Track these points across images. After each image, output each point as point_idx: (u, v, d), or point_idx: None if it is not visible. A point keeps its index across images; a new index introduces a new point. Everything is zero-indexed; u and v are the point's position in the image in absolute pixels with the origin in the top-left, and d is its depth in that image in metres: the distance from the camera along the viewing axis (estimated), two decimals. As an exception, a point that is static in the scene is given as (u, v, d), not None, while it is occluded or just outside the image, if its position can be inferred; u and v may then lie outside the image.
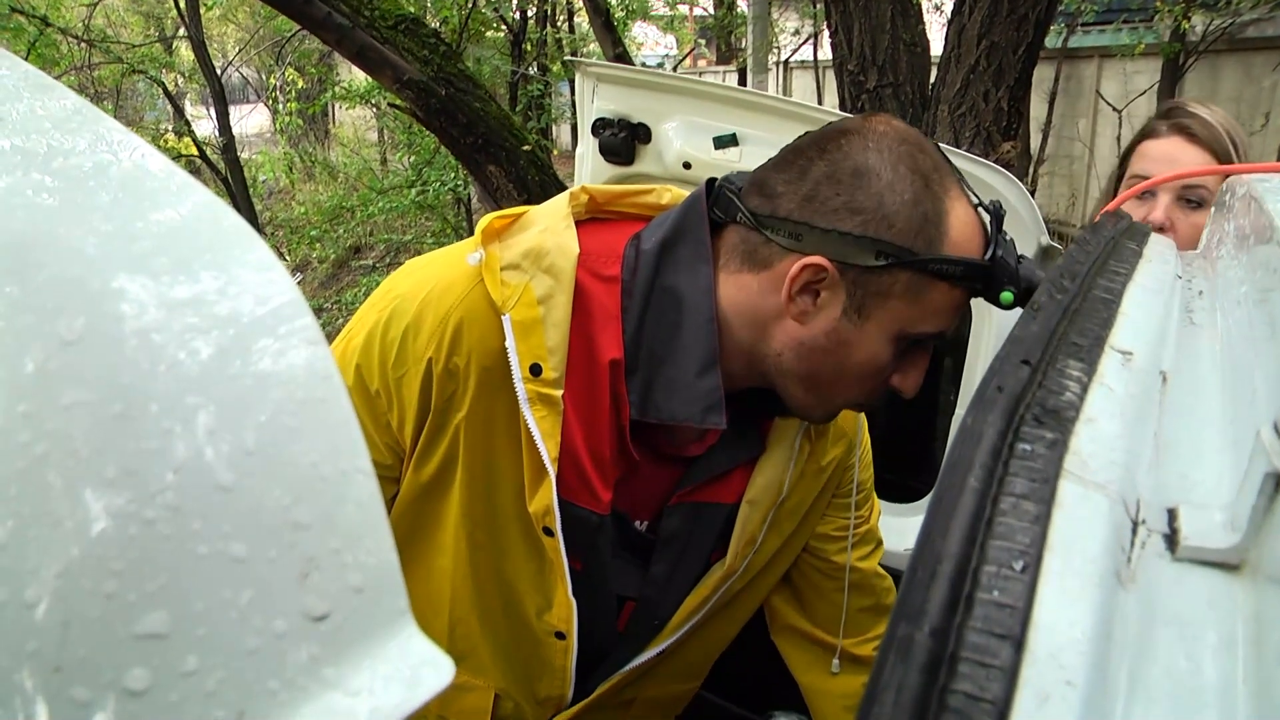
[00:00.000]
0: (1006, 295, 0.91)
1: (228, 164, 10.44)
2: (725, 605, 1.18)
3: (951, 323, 0.94)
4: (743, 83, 10.43)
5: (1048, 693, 0.34)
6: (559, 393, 0.94)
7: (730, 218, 0.95)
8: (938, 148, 0.94)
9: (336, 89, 9.67)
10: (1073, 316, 0.59)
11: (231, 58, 14.48)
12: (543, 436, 0.95)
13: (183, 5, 9.83)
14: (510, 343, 0.93)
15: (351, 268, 11.42)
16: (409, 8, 4.16)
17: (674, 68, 12.23)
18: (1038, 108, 7.59)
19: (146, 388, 0.32)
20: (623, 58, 6.46)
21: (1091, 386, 0.51)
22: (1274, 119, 6.94)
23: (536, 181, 3.97)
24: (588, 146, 1.93)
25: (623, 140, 1.87)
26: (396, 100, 3.97)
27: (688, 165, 1.81)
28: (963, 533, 0.39)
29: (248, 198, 10.42)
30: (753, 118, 1.76)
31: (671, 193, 1.05)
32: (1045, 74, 7.54)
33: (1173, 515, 0.46)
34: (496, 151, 3.92)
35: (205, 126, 12.99)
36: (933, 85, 3.23)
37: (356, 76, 9.49)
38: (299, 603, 0.32)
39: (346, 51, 3.70)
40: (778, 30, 11.16)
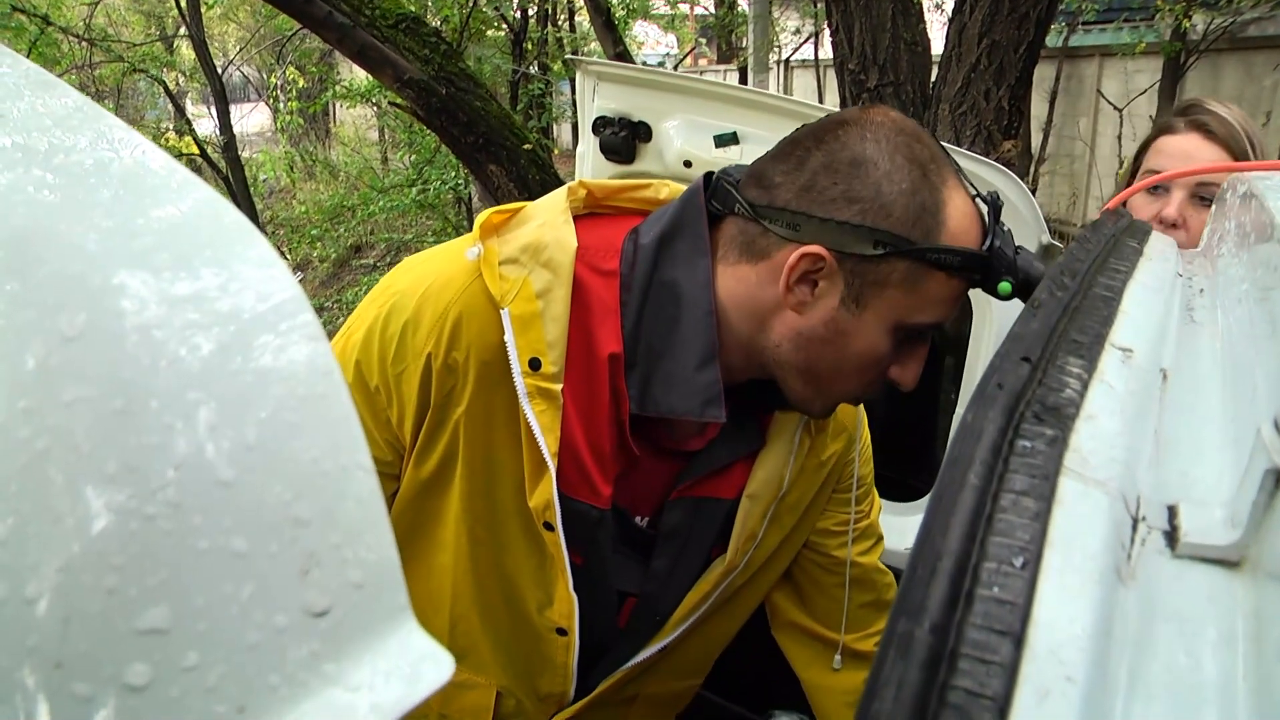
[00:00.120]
0: (1004, 286, 0.91)
1: (228, 163, 10.44)
2: (726, 601, 1.18)
3: (949, 313, 0.94)
4: (744, 82, 10.43)
5: (1048, 689, 0.34)
6: (558, 387, 0.94)
7: (728, 209, 0.95)
8: (935, 140, 0.94)
9: (337, 88, 9.67)
10: (1073, 314, 0.59)
11: (232, 57, 14.48)
12: (542, 431, 0.95)
13: (184, 4, 9.82)
14: (509, 337, 0.93)
15: (352, 267, 11.42)
16: (410, 7, 4.17)
17: (675, 67, 12.23)
18: (1039, 107, 7.60)
19: (147, 383, 0.32)
20: (623, 56, 6.46)
21: (1092, 384, 0.51)
22: (1275, 118, 6.94)
23: (537, 180, 3.97)
24: (588, 145, 1.93)
25: (623, 139, 1.86)
26: (397, 99, 3.97)
27: (688, 164, 1.81)
28: (963, 529, 0.39)
29: (248, 196, 10.42)
30: (753, 116, 1.76)
31: (669, 187, 1.05)
32: (1046, 73, 7.54)
33: (1173, 512, 0.46)
34: (497, 150, 3.92)
35: (206, 125, 13.00)
36: (934, 84, 3.23)
37: (357, 75, 9.48)
38: (299, 598, 0.33)
39: (347, 50, 3.70)
40: (778, 29, 11.16)
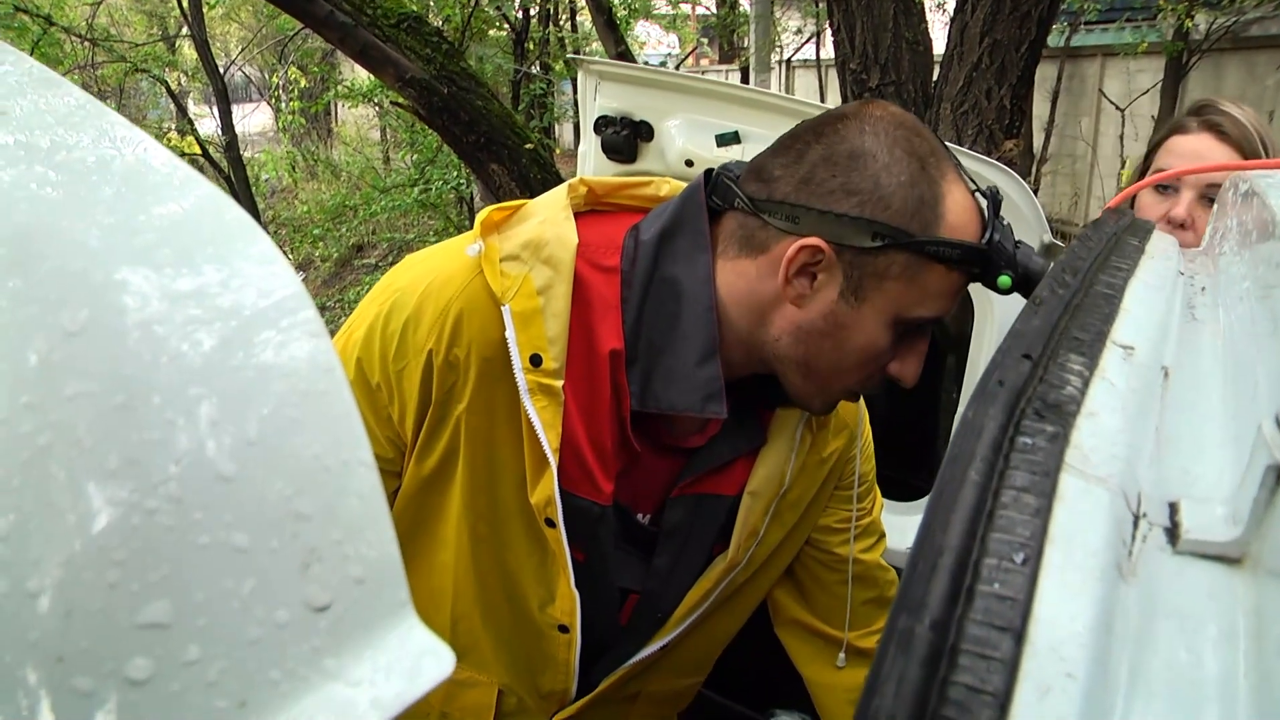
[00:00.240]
0: (1004, 280, 0.91)
1: (230, 163, 10.45)
2: (728, 599, 1.18)
3: (949, 308, 0.94)
4: (745, 82, 10.42)
5: (1048, 685, 0.34)
6: (559, 383, 0.95)
7: (728, 204, 0.96)
8: (935, 135, 0.94)
9: (339, 88, 9.68)
10: (1074, 311, 0.59)
11: (234, 56, 14.49)
12: (544, 427, 0.95)
13: (185, 4, 9.84)
14: (510, 333, 0.93)
15: (354, 266, 11.42)
16: (411, 6, 4.17)
17: (676, 67, 12.22)
18: (1040, 107, 7.60)
19: (149, 379, 0.32)
20: (625, 56, 6.46)
21: (1093, 381, 0.51)
22: (1278, 118, 6.93)
23: (539, 180, 3.97)
24: (590, 144, 1.93)
25: (625, 138, 1.86)
26: (399, 99, 3.97)
27: (690, 163, 1.81)
28: (964, 525, 0.39)
29: (250, 196, 10.44)
30: (755, 115, 1.76)
31: (670, 184, 1.05)
32: (1048, 73, 7.54)
33: (1174, 509, 0.46)
34: (499, 150, 3.92)
35: (208, 125, 13.03)
36: (935, 83, 3.23)
37: (359, 75, 9.49)
38: (300, 593, 0.33)
39: (349, 50, 3.70)
40: (780, 29, 11.15)
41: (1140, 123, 7.70)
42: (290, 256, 10.72)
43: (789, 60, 11.76)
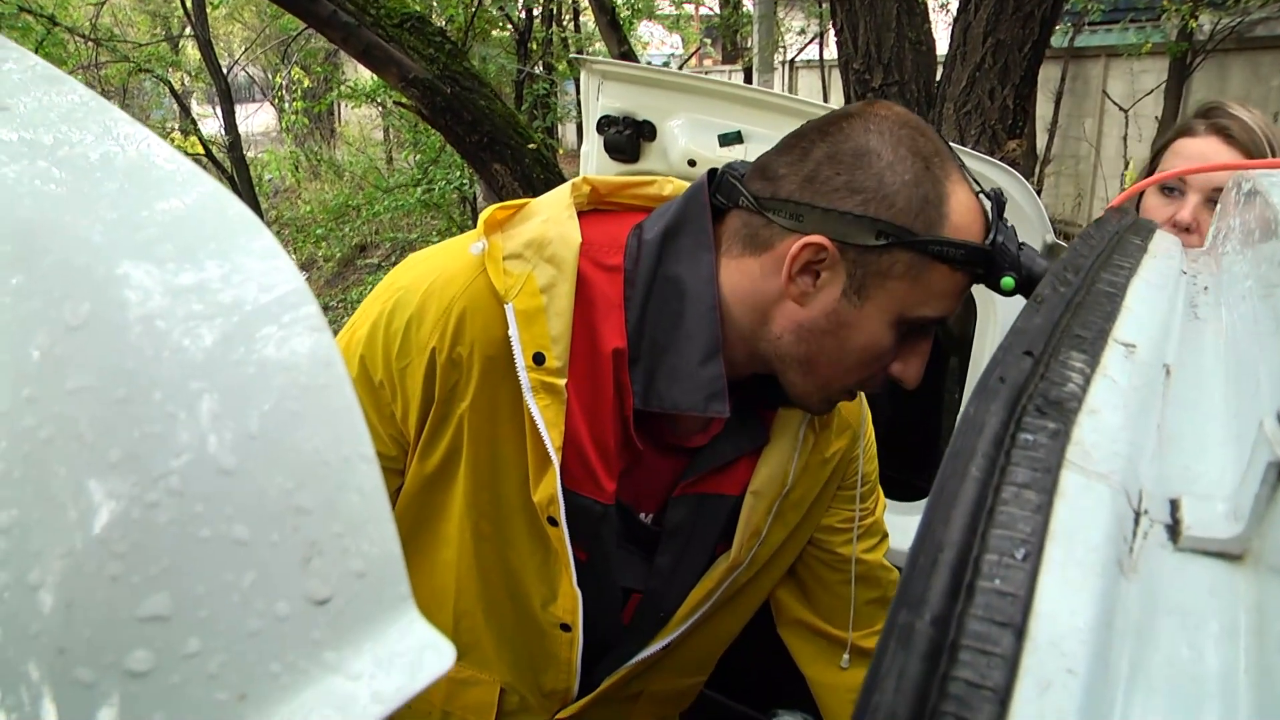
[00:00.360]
0: (1008, 281, 0.91)
1: (233, 162, 10.46)
2: (730, 598, 1.18)
3: (952, 308, 0.94)
4: (748, 82, 10.42)
5: (1049, 680, 0.34)
6: (562, 381, 0.95)
7: (733, 203, 0.96)
8: (939, 135, 0.94)
9: (342, 88, 9.68)
10: (1076, 309, 0.59)
11: (238, 56, 14.50)
12: (546, 425, 0.95)
13: (189, 4, 9.84)
14: (513, 331, 0.94)
15: (357, 266, 11.43)
16: (415, 6, 4.17)
17: (679, 67, 12.22)
18: (1044, 107, 7.58)
19: (150, 373, 0.32)
20: (628, 56, 6.45)
21: (1094, 378, 0.51)
22: (1282, 118, 6.92)
23: (542, 180, 3.97)
24: (592, 144, 1.93)
25: (627, 138, 1.86)
26: (402, 98, 3.98)
27: (693, 163, 1.81)
28: (964, 521, 0.39)
29: (253, 196, 10.45)
30: (758, 115, 1.76)
31: (673, 184, 1.05)
32: (1051, 73, 7.53)
33: (1175, 506, 0.46)
34: (502, 150, 3.92)
35: (211, 125, 13.04)
36: (938, 83, 3.22)
37: (362, 75, 9.49)
38: (301, 586, 0.33)
39: (352, 50, 3.71)
40: (783, 29, 11.15)
41: (1144, 123, 7.69)
42: (293, 256, 10.69)
43: (792, 60, 11.75)
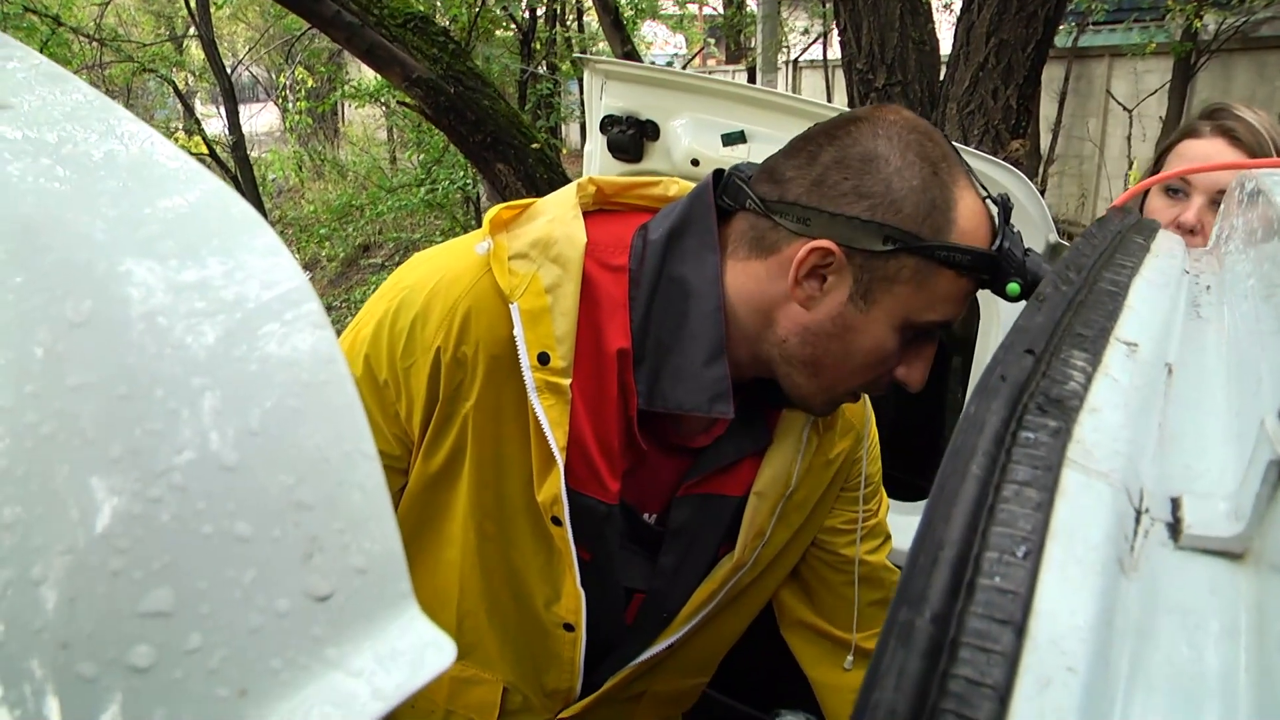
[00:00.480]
0: (1013, 287, 0.91)
1: (237, 162, 10.48)
2: (734, 599, 1.18)
3: (957, 313, 0.94)
4: (752, 82, 10.41)
5: (1049, 678, 0.34)
6: (567, 381, 0.95)
7: (739, 205, 0.96)
8: (947, 140, 0.94)
9: (346, 87, 9.70)
10: (1078, 308, 0.59)
11: (241, 56, 14.52)
12: (551, 425, 0.95)
13: (193, 4, 9.86)
14: (518, 331, 0.94)
15: (360, 266, 11.43)
16: (418, 6, 4.17)
17: (683, 67, 12.21)
18: (1048, 107, 7.57)
19: (152, 369, 0.32)
20: (631, 56, 6.46)
21: (1096, 377, 0.51)
22: (1287, 118, 6.89)
23: (545, 179, 3.97)
24: (596, 144, 1.93)
25: (631, 137, 1.87)
26: (406, 98, 3.98)
27: (696, 162, 1.81)
28: (965, 519, 0.39)
29: (257, 196, 10.46)
30: (761, 115, 1.76)
31: (679, 184, 1.05)
32: (1055, 73, 7.52)
33: (1176, 504, 0.46)
34: (505, 149, 3.92)
35: (215, 125, 13.07)
36: (941, 83, 3.22)
37: (366, 75, 9.50)
38: (302, 582, 0.33)
39: (355, 49, 3.71)
40: (787, 29, 11.14)
41: (1148, 124, 7.68)
42: (297, 256, 10.71)
43: (795, 60, 11.74)
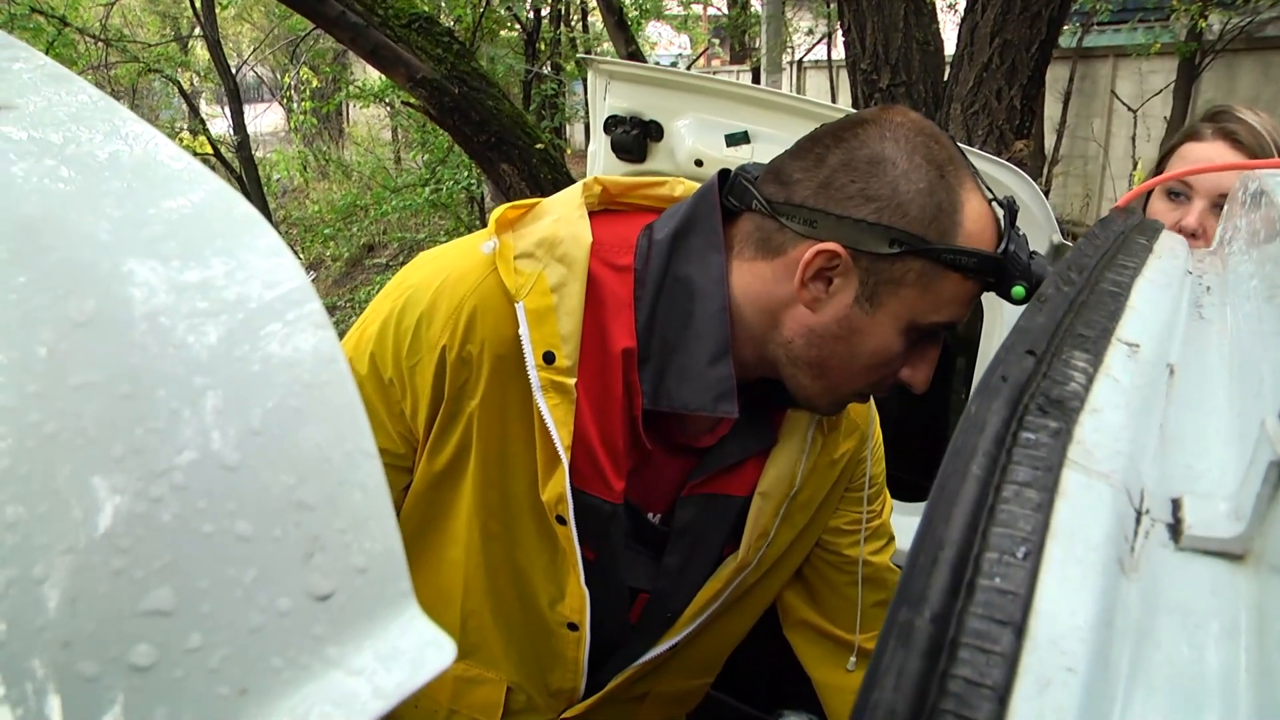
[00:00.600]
0: (1018, 290, 0.92)
1: (242, 162, 10.50)
2: (738, 599, 1.18)
3: (962, 315, 0.94)
4: (756, 82, 10.41)
5: (1048, 679, 0.34)
6: (572, 380, 0.95)
7: (745, 205, 0.96)
8: (953, 142, 0.95)
9: (351, 88, 9.72)
10: (1079, 309, 0.59)
11: (246, 57, 14.56)
12: (556, 424, 0.95)
13: (198, 5, 9.87)
14: (524, 330, 0.94)
15: (365, 266, 11.45)
16: (423, 6, 4.17)
17: (688, 67, 12.22)
18: (1052, 107, 7.56)
19: (155, 369, 0.32)
20: (636, 57, 6.46)
21: (1097, 377, 0.51)
22: (1292, 119, 6.87)
23: (550, 180, 3.97)
24: (600, 144, 1.93)
25: (635, 138, 1.87)
26: (410, 99, 3.98)
27: (700, 163, 1.81)
28: (965, 519, 0.39)
29: (262, 196, 10.48)
30: (765, 115, 1.76)
31: (684, 185, 1.05)
32: (1060, 73, 7.51)
33: (1177, 505, 0.46)
34: (509, 150, 3.92)
35: (220, 125, 13.09)
36: (945, 84, 3.22)
37: (371, 75, 9.52)
38: (303, 582, 0.33)
39: (360, 50, 3.71)
40: (791, 30, 11.14)
41: (1152, 124, 7.67)
42: (301, 256, 10.76)
43: (800, 61, 11.74)
